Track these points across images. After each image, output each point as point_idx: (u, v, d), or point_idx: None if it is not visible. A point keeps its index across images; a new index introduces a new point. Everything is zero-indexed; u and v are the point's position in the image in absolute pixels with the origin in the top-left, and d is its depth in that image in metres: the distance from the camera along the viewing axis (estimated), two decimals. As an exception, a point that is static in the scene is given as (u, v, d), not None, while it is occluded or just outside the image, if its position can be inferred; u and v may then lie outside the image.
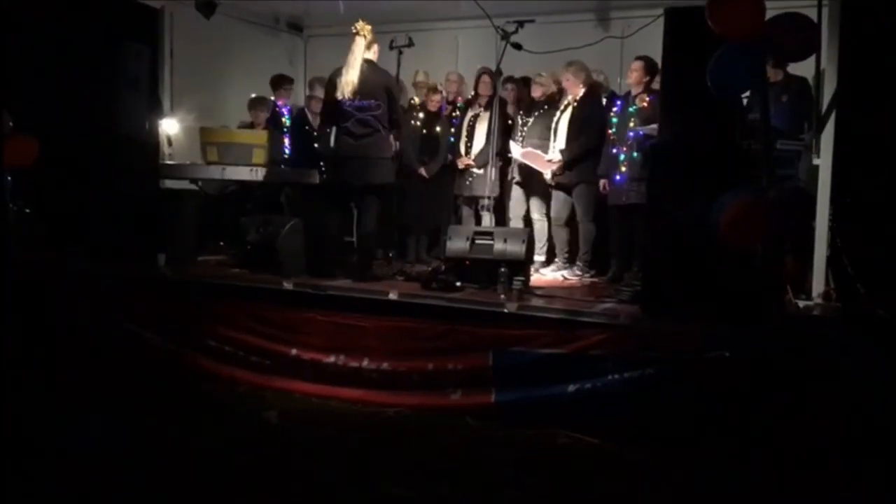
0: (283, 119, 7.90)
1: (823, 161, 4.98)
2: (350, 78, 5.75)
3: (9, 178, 5.80)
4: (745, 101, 5.15)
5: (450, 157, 7.18)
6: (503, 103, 6.95)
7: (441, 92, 7.33)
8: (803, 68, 5.53)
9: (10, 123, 5.62)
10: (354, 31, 5.80)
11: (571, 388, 4.59)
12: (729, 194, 4.15)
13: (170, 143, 7.60)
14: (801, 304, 4.94)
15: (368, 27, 5.81)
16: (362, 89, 5.78)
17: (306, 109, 7.70)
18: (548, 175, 6.64)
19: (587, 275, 6.52)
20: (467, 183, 7.13)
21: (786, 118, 5.64)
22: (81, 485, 3.73)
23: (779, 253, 4.58)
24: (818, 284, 5.00)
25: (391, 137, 6.19)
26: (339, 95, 5.81)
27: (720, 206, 4.13)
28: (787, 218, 4.20)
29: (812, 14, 4.68)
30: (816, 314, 4.83)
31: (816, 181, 5.00)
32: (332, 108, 5.95)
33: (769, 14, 4.12)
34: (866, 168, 5.14)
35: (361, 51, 5.77)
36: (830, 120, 4.98)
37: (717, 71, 4.10)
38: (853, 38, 4.95)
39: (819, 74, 5.19)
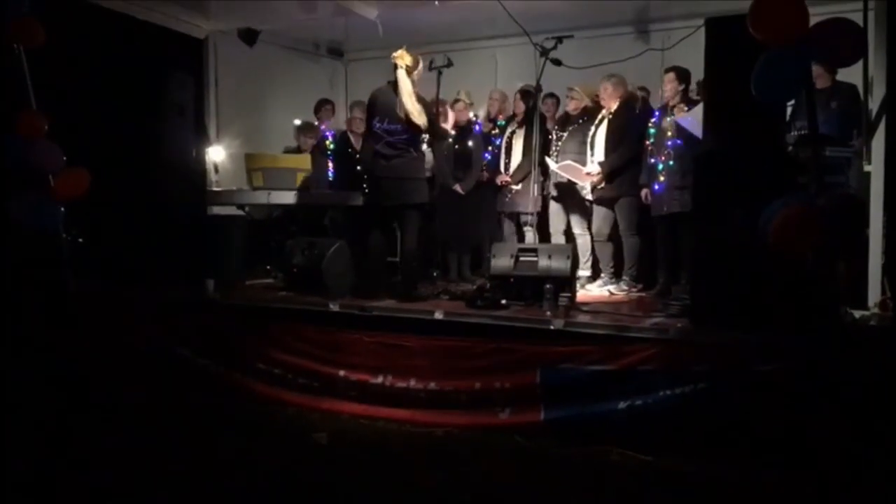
0: (328, 142, 7.99)
1: (875, 167, 4.88)
2: (401, 114, 5.81)
3: (62, 209, 5.95)
4: (790, 108, 5.07)
5: (485, 174, 7.19)
6: (542, 119, 6.93)
7: (468, 106, 7.31)
8: (852, 75, 5.44)
9: (46, 126, 5.72)
10: (394, 63, 5.82)
11: (622, 404, 4.52)
12: (778, 202, 4.07)
13: (216, 170, 7.75)
14: (857, 314, 4.81)
15: (404, 53, 5.81)
16: (392, 115, 5.86)
17: (348, 132, 7.79)
18: (587, 188, 6.61)
19: (634, 289, 6.46)
20: (507, 199, 7.16)
21: (835, 124, 5.54)
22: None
23: (831, 262, 4.47)
24: (874, 294, 4.87)
25: (425, 157, 6.27)
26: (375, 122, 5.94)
27: (769, 214, 4.05)
28: (838, 225, 4.11)
29: (858, 19, 4.59)
30: (872, 324, 4.70)
31: (868, 188, 4.89)
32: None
33: (813, 20, 4.06)
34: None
35: (406, 81, 5.79)
36: (881, 126, 4.87)
37: (762, 77, 4.05)
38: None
39: (867, 79, 5.09)
